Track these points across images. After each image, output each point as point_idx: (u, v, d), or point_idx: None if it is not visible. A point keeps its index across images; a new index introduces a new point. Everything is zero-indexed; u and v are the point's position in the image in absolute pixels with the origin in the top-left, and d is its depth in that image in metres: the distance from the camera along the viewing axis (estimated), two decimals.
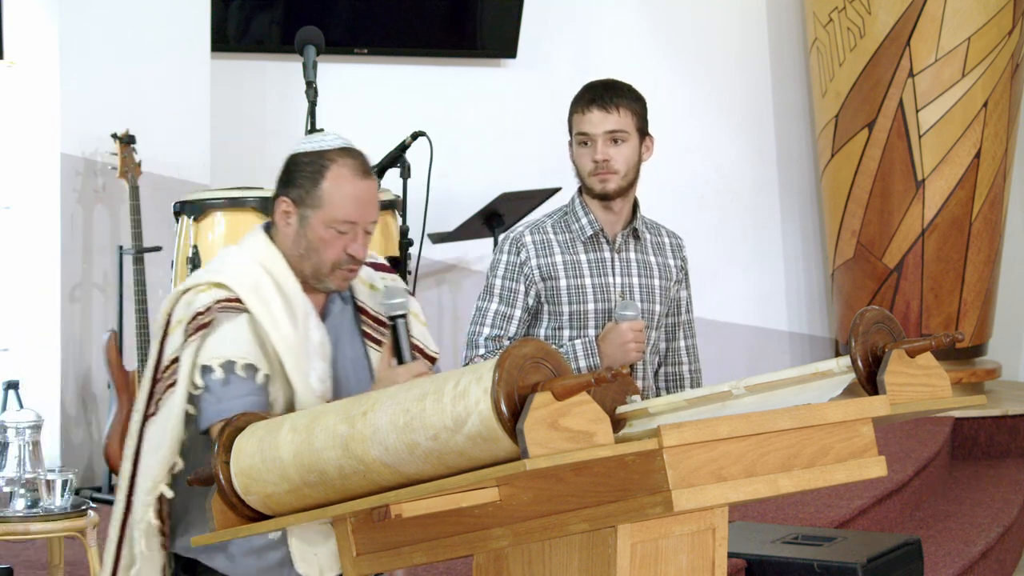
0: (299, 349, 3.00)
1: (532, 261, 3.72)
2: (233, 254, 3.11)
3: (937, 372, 2.83)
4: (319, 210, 3.03)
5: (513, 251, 3.74)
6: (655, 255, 3.82)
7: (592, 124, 3.71)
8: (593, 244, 3.75)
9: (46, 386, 5.92)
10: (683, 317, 3.90)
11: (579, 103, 3.76)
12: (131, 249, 5.74)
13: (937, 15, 7.33)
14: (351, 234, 3.04)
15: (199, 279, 3.04)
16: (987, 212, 7.55)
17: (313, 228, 3.04)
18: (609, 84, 3.78)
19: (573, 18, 7.64)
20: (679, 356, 3.90)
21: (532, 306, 3.73)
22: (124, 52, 6.08)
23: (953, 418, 7.23)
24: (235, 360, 2.94)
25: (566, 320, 3.70)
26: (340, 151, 3.06)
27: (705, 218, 7.87)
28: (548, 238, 3.75)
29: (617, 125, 3.72)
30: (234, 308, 2.98)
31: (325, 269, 3.06)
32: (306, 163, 3.06)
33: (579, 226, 3.75)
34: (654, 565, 2.59)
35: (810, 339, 8.23)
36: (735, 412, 2.66)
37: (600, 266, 3.74)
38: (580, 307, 3.70)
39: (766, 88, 8.08)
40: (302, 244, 3.06)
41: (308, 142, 3.10)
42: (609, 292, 3.73)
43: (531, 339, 2.48)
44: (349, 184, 3.03)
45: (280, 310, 3.00)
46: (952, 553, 5.74)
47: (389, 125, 6.48)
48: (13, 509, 4.10)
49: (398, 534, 2.69)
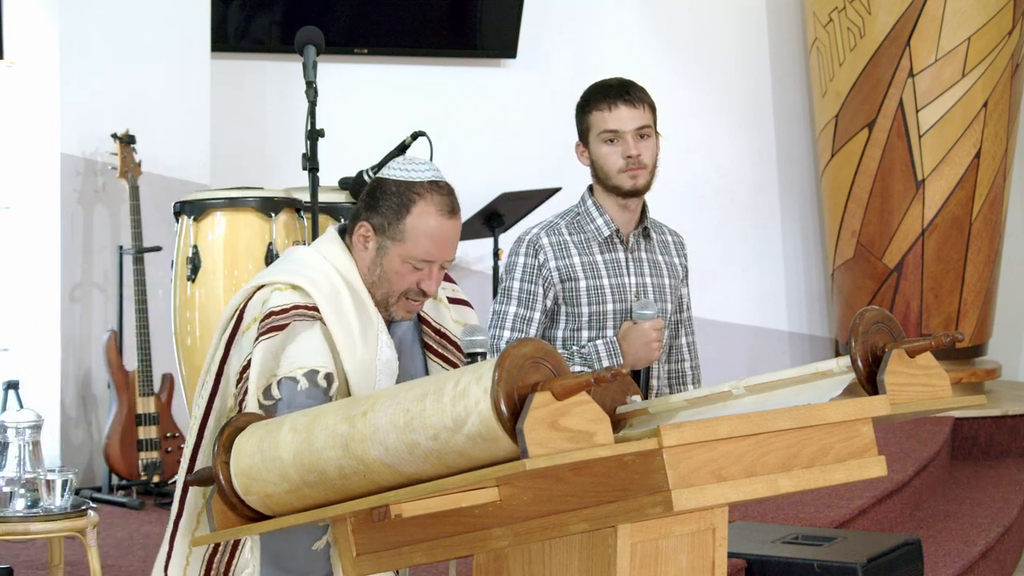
0: (367, 367, 2.98)
1: (551, 263, 3.71)
2: (309, 256, 3.05)
3: (937, 372, 2.83)
4: (399, 244, 2.99)
5: (531, 253, 3.73)
6: (663, 254, 3.84)
7: (621, 120, 3.71)
8: (608, 245, 3.75)
9: (46, 386, 5.92)
10: (685, 314, 3.91)
11: (601, 100, 3.73)
12: (131, 249, 5.74)
13: (937, 15, 7.33)
14: (426, 271, 3.01)
15: (275, 277, 2.99)
16: (987, 212, 7.55)
17: (390, 260, 3.00)
18: (627, 81, 3.78)
19: (573, 18, 7.64)
20: (681, 353, 3.92)
21: (550, 308, 3.73)
22: (124, 52, 6.08)
23: (953, 418, 7.23)
24: (318, 369, 2.91)
25: (585, 321, 3.70)
26: (430, 185, 3.01)
27: (705, 218, 7.87)
28: (564, 239, 3.74)
29: (645, 120, 3.73)
30: (310, 316, 2.94)
31: (393, 299, 3.03)
32: (393, 192, 3.00)
33: (595, 227, 3.74)
34: (654, 565, 2.59)
35: (810, 339, 8.23)
36: (735, 412, 2.66)
37: (616, 266, 3.74)
38: (599, 308, 3.70)
39: (766, 88, 8.08)
40: (376, 272, 3.02)
41: (398, 168, 3.04)
42: (626, 292, 3.73)
43: (531, 339, 2.48)
44: (434, 222, 2.99)
45: (355, 324, 2.97)
46: (952, 553, 5.74)
47: (389, 125, 6.48)
48: (13, 509, 4.09)
49: (398, 534, 2.69)
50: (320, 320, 2.95)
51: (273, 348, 2.92)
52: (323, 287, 2.98)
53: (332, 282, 3.00)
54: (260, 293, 2.98)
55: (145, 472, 5.66)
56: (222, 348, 3.01)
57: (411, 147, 5.76)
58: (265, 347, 2.92)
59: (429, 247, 2.99)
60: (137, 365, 5.71)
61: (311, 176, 4.94)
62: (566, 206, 3.87)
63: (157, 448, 5.69)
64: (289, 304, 2.94)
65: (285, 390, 2.90)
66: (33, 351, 6.01)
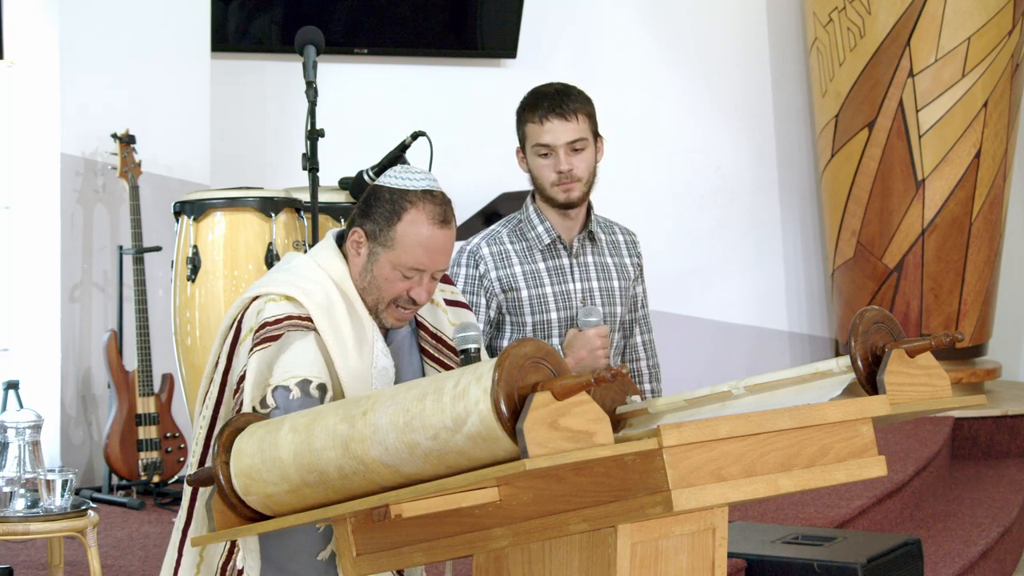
0: (362, 376, 2.99)
1: (492, 273, 3.69)
2: (304, 264, 3.07)
3: (937, 372, 2.83)
4: (389, 251, 3.00)
5: (471, 264, 3.71)
6: (611, 255, 3.80)
7: (554, 134, 3.67)
8: (551, 251, 3.72)
9: (46, 386, 5.92)
10: (639, 313, 3.88)
11: (533, 112, 3.70)
12: (131, 249, 5.74)
13: (937, 15, 7.33)
14: (416, 279, 3.02)
15: (270, 287, 3.01)
16: (987, 212, 7.55)
17: (380, 266, 3.02)
18: (562, 90, 3.72)
19: (573, 18, 7.64)
20: (636, 352, 3.89)
21: (494, 318, 3.71)
22: (124, 52, 6.08)
23: (953, 418, 7.23)
24: (311, 379, 2.93)
25: (529, 330, 3.68)
26: (423, 194, 3.02)
27: (705, 218, 7.87)
28: (505, 248, 3.71)
29: (577, 134, 3.67)
30: (304, 327, 2.96)
31: (383, 305, 3.04)
32: (387, 199, 3.02)
33: (535, 234, 3.72)
34: (654, 565, 2.59)
35: (810, 339, 8.23)
36: (735, 412, 2.66)
37: (559, 273, 3.71)
38: (543, 316, 3.68)
39: (766, 88, 8.08)
40: (367, 277, 3.04)
41: (395, 176, 3.05)
42: (570, 299, 3.70)
43: (530, 339, 2.48)
44: (425, 230, 3.00)
45: (349, 333, 2.99)
46: (952, 553, 5.74)
47: (389, 125, 6.48)
48: (13, 509, 4.09)
49: (398, 534, 2.69)
50: (314, 330, 2.96)
51: (267, 358, 2.94)
52: (317, 297, 2.99)
53: (326, 291, 3.01)
54: (255, 304, 3.00)
55: (145, 472, 5.66)
56: (224, 359, 3.03)
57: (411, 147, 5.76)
58: (259, 357, 2.94)
59: (419, 255, 3.00)
60: (137, 365, 5.71)
61: (311, 176, 4.94)
62: None
63: (157, 448, 5.69)
64: (282, 314, 2.96)
65: (279, 399, 2.92)
66: (33, 351, 6.02)
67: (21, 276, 6.08)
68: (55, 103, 5.95)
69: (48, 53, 5.98)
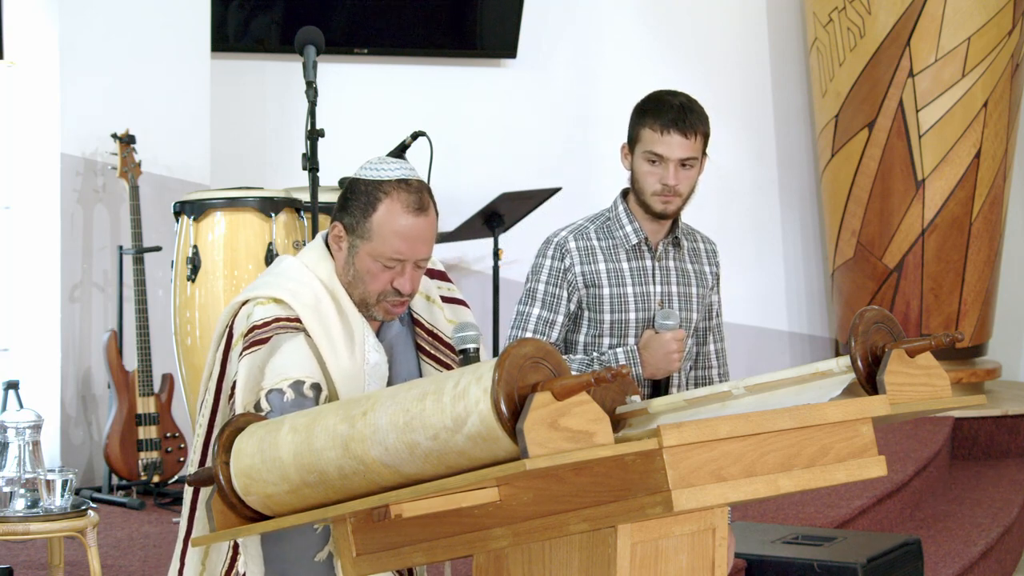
0: (354, 374, 2.99)
1: (576, 268, 3.69)
2: (292, 266, 3.08)
3: (937, 372, 2.83)
4: (367, 242, 3.00)
5: (557, 256, 3.70)
6: (692, 262, 3.81)
7: (669, 148, 3.65)
8: (636, 252, 3.72)
9: (46, 386, 5.93)
10: (714, 321, 3.89)
11: (655, 120, 3.67)
12: (131, 249, 5.74)
13: (937, 15, 7.33)
14: (398, 269, 3.01)
15: (258, 291, 3.01)
16: (987, 212, 7.55)
17: (360, 259, 3.01)
18: (687, 106, 3.70)
19: (573, 18, 7.65)
20: (708, 360, 3.90)
21: (573, 312, 3.71)
22: (124, 52, 6.08)
23: (953, 418, 7.23)
24: (303, 380, 2.93)
25: (607, 328, 3.68)
26: (397, 183, 3.01)
27: (705, 218, 7.84)
28: (592, 244, 3.71)
29: (692, 152, 3.68)
30: (292, 328, 2.96)
31: (371, 299, 3.04)
32: (362, 191, 3.02)
33: (623, 234, 3.72)
34: (654, 565, 2.59)
35: (810, 339, 8.23)
36: (735, 412, 2.66)
37: (642, 275, 3.72)
38: (621, 316, 3.68)
39: (766, 88, 8.08)
40: (350, 272, 3.04)
41: (369, 168, 3.05)
42: (649, 301, 3.71)
43: (530, 339, 2.48)
44: (400, 219, 2.99)
45: (338, 332, 2.99)
46: (952, 553, 5.74)
47: (389, 125, 6.49)
48: (13, 509, 4.09)
49: (398, 534, 2.69)
50: (303, 331, 2.96)
51: (258, 362, 2.94)
52: (304, 298, 2.99)
53: (314, 291, 3.01)
54: (244, 308, 3.01)
55: (145, 472, 5.66)
56: (218, 366, 3.03)
57: (411, 147, 5.76)
58: (249, 361, 2.94)
59: (397, 244, 2.99)
60: (137, 365, 5.71)
61: (311, 176, 4.94)
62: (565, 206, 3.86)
63: (157, 448, 5.69)
64: (271, 317, 2.96)
65: (273, 402, 2.92)
66: (33, 351, 6.02)
67: (21, 276, 6.08)
68: (55, 103, 5.95)
69: (48, 53, 5.98)
